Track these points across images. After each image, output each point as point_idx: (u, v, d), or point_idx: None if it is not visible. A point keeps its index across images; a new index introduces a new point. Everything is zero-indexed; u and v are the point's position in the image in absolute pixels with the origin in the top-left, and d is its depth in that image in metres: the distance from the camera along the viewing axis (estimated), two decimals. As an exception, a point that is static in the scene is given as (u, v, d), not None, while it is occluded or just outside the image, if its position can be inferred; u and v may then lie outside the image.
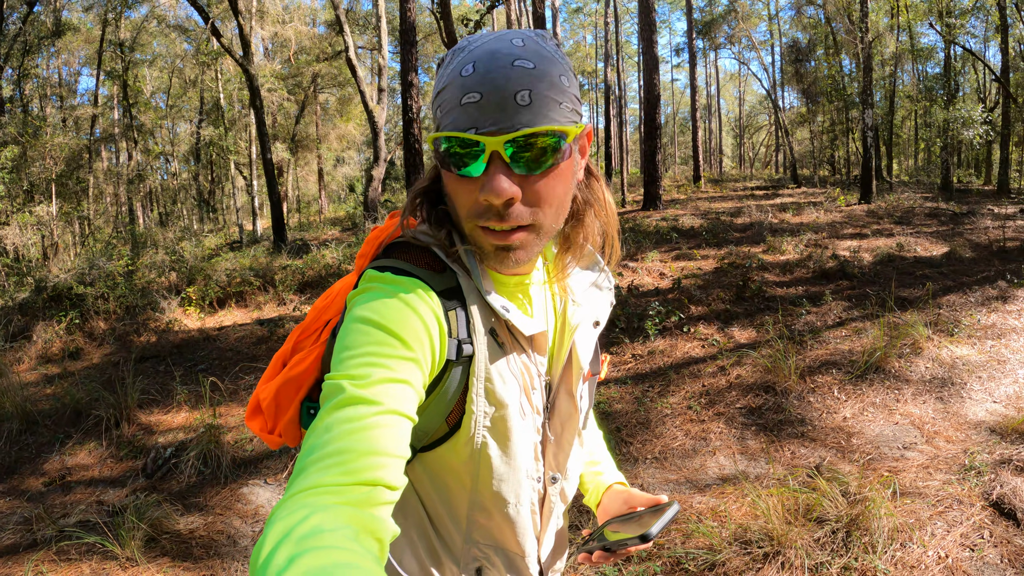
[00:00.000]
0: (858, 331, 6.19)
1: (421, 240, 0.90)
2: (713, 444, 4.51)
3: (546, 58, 0.80)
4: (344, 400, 0.71)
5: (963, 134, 16.93)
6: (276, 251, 13.00)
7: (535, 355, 0.95)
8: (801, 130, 30.52)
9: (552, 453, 1.00)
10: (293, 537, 0.57)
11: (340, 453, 0.67)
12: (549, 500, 1.01)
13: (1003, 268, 7.91)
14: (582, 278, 1.04)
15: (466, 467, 0.91)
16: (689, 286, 7.89)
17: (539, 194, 0.82)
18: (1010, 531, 3.15)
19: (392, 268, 0.85)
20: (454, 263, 0.89)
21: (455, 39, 11.95)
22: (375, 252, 0.95)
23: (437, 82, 0.84)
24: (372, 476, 0.67)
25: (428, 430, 0.90)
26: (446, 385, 0.87)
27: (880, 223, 12.06)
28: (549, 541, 1.06)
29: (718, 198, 18.07)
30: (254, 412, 0.99)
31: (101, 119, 23.51)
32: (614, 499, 1.14)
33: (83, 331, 7.77)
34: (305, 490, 0.64)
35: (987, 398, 4.89)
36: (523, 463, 0.94)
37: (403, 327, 0.78)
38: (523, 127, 0.77)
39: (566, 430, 1.00)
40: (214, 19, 14.02)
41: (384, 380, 0.73)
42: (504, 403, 0.89)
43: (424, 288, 0.83)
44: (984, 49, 26.20)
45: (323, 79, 24.91)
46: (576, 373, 0.99)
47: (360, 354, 0.75)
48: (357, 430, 0.69)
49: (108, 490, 4.31)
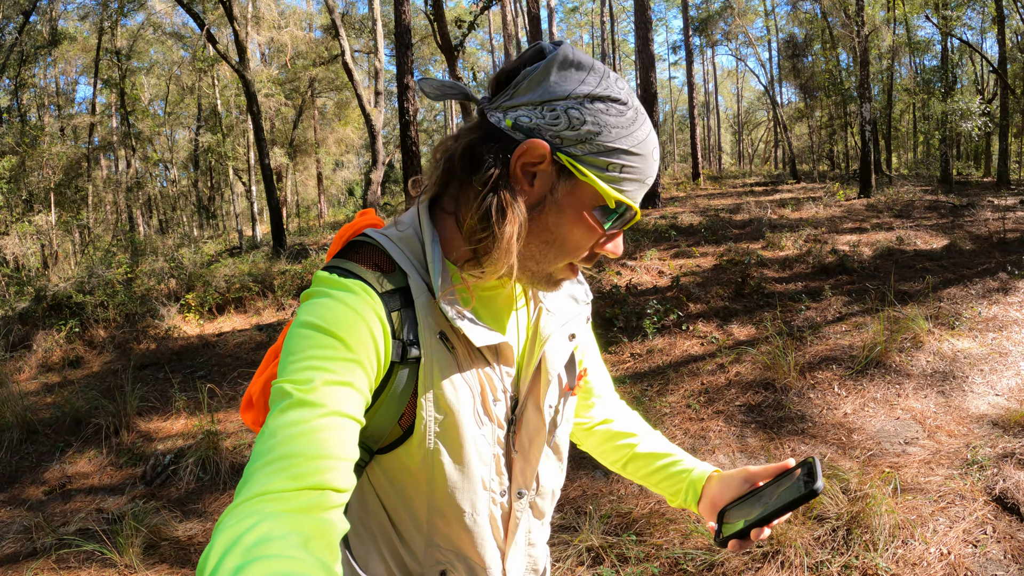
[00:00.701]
0: (858, 326, 6.17)
1: (375, 240, 0.89)
2: (713, 442, 4.49)
3: None
4: (288, 405, 0.71)
5: (962, 126, 16.92)
6: (275, 256, 13.00)
7: (500, 366, 0.94)
8: (799, 125, 30.46)
9: (519, 467, 0.98)
10: (240, 546, 0.57)
11: (286, 458, 0.67)
12: (515, 515, 0.99)
13: (1004, 260, 7.89)
14: (561, 289, 1.03)
15: (421, 471, 0.90)
16: (688, 284, 7.88)
17: None
18: (1013, 526, 3.12)
19: (339, 269, 0.85)
20: (408, 264, 0.88)
21: (449, 41, 11.95)
22: (337, 250, 0.95)
23: (615, 122, 0.82)
24: (319, 480, 0.67)
25: (382, 432, 0.89)
26: (393, 387, 0.86)
27: (880, 217, 12.04)
28: (517, 556, 1.03)
29: (717, 195, 18.05)
30: (247, 406, 1.00)
31: (99, 127, 23.51)
32: (728, 484, 1.04)
33: (83, 339, 7.77)
34: (252, 497, 0.64)
35: (989, 391, 4.87)
36: (478, 473, 0.92)
37: (344, 329, 0.78)
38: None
39: (534, 444, 0.97)
40: (209, 26, 14.02)
41: (327, 383, 0.73)
42: (454, 409, 0.87)
43: (367, 289, 0.82)
44: (981, 41, 26.14)
45: (320, 83, 24.89)
46: (544, 385, 0.97)
47: (303, 358, 0.75)
48: (302, 434, 0.69)
49: (107, 498, 4.30)
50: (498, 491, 0.96)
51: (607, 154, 0.81)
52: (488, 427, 0.92)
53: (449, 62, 12.11)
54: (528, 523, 1.03)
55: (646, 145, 0.84)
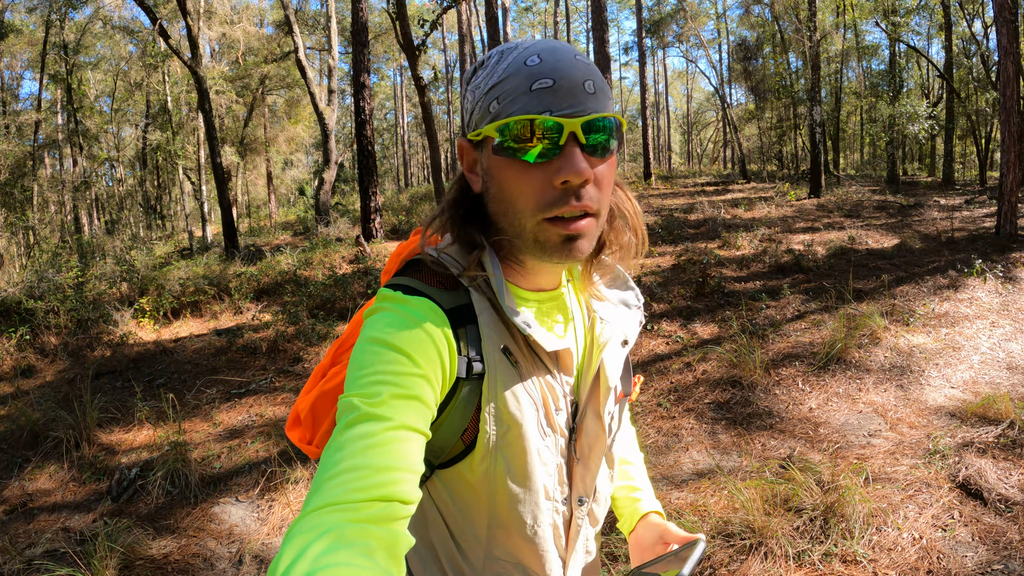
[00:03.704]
0: (817, 323, 6.35)
1: (436, 257, 0.91)
2: (685, 440, 4.58)
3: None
4: (356, 418, 0.72)
5: (908, 129, 17.47)
6: (229, 258, 12.72)
7: (561, 374, 0.95)
8: (749, 126, 31.06)
9: (579, 475, 0.99)
10: (309, 555, 0.59)
11: (355, 470, 0.68)
12: (576, 522, 1.00)
13: (953, 258, 8.20)
14: (611, 296, 1.05)
15: (483, 485, 0.91)
16: (650, 284, 7.99)
17: (601, 179, 0.84)
18: (978, 510, 3.27)
19: (403, 287, 0.87)
20: (470, 282, 0.90)
21: (411, 40, 11.87)
22: (396, 268, 0.96)
23: (486, 79, 0.85)
24: (387, 492, 0.68)
25: (444, 447, 0.90)
26: (457, 402, 0.87)
27: (831, 216, 12.38)
28: (577, 565, 1.05)
29: (669, 195, 18.30)
30: (294, 423, 1.00)
31: (45, 124, 22.70)
32: (649, 531, 1.13)
33: (34, 347, 7.48)
34: (321, 508, 0.65)
35: (945, 384, 5.07)
36: (542, 484, 0.93)
37: (412, 345, 0.79)
38: (593, 112, 0.81)
39: (593, 451, 0.99)
40: (161, 20, 13.64)
41: (395, 396, 0.75)
42: (518, 423, 0.89)
43: (432, 307, 0.84)
44: (928, 46, 27.11)
45: (271, 80, 24.43)
46: (604, 393, 0.98)
47: (371, 373, 0.76)
48: (371, 446, 0.70)
49: (73, 515, 4.15)
50: (560, 499, 0.97)
51: (487, 101, 0.84)
52: (551, 437, 0.94)
53: (410, 61, 12.03)
54: (587, 531, 1.04)
55: (514, 64, 0.83)
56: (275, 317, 7.98)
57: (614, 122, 0.83)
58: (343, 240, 13.28)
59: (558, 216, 0.83)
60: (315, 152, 35.03)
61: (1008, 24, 8.80)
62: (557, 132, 0.79)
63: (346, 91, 30.23)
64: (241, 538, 3.80)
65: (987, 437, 4.01)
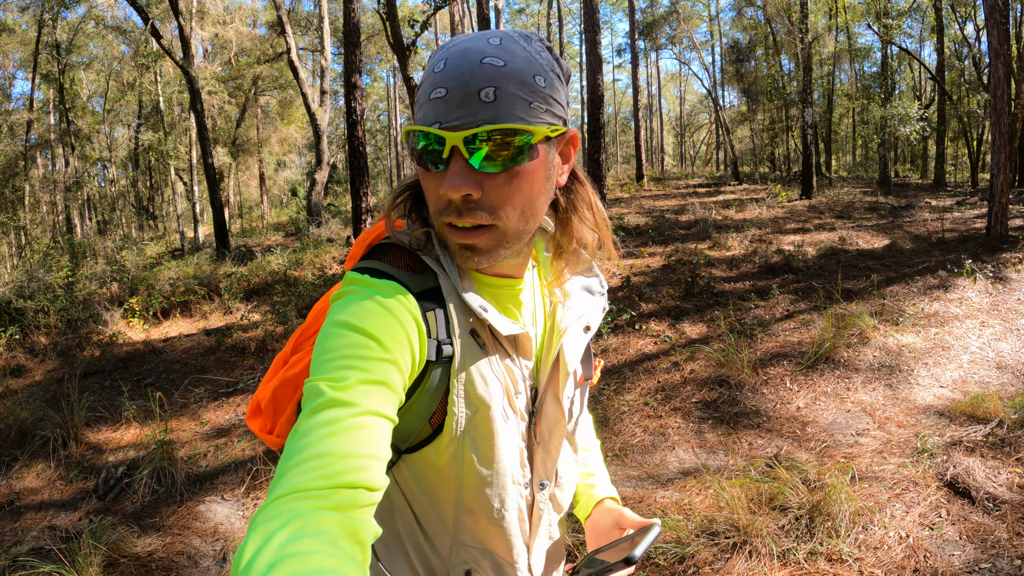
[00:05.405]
0: (806, 323, 6.36)
1: (402, 241, 0.90)
2: (672, 439, 4.58)
3: (521, 57, 0.80)
4: (322, 404, 0.71)
5: (900, 131, 17.52)
6: (220, 258, 12.69)
7: (519, 359, 0.95)
8: (741, 128, 31.17)
9: (540, 459, 0.99)
10: (273, 543, 0.58)
11: (319, 456, 0.67)
12: (538, 506, 1.00)
13: (943, 258, 8.23)
14: (574, 282, 1.04)
15: (450, 469, 0.91)
16: (639, 284, 7.99)
17: (501, 194, 0.82)
18: (965, 509, 3.28)
19: (370, 270, 0.86)
20: (434, 263, 0.89)
21: (401, 40, 11.86)
22: (362, 253, 0.95)
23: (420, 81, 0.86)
24: (352, 478, 0.67)
25: (411, 431, 0.89)
26: (427, 386, 0.86)
27: (822, 217, 12.41)
28: (540, 549, 1.05)
29: (661, 196, 18.34)
30: (254, 412, 0.98)
31: (37, 124, 22.58)
32: (604, 516, 1.15)
33: (24, 347, 7.44)
34: (285, 495, 0.64)
35: (934, 383, 5.08)
36: (508, 468, 0.93)
37: (380, 329, 0.78)
38: (485, 123, 0.78)
39: (553, 435, 0.99)
40: (153, 20, 13.60)
41: (361, 382, 0.73)
42: (486, 404, 0.89)
43: (401, 290, 0.83)
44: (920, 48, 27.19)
45: (264, 81, 24.42)
46: (563, 377, 0.98)
47: (337, 357, 0.75)
48: (336, 432, 0.69)
49: (60, 514, 4.13)
50: (523, 483, 0.97)
51: (416, 104, 0.85)
52: (513, 420, 0.94)
53: (401, 62, 12.03)
54: (550, 516, 1.04)
55: (428, 68, 0.82)
56: (264, 317, 7.97)
57: (519, 132, 0.79)
58: (334, 241, 13.27)
59: (452, 224, 0.84)
60: (308, 153, 34.95)
61: (998, 26, 8.84)
62: (441, 145, 0.80)
63: (339, 92, 30.19)
64: (226, 536, 3.79)
65: (976, 436, 4.01)
